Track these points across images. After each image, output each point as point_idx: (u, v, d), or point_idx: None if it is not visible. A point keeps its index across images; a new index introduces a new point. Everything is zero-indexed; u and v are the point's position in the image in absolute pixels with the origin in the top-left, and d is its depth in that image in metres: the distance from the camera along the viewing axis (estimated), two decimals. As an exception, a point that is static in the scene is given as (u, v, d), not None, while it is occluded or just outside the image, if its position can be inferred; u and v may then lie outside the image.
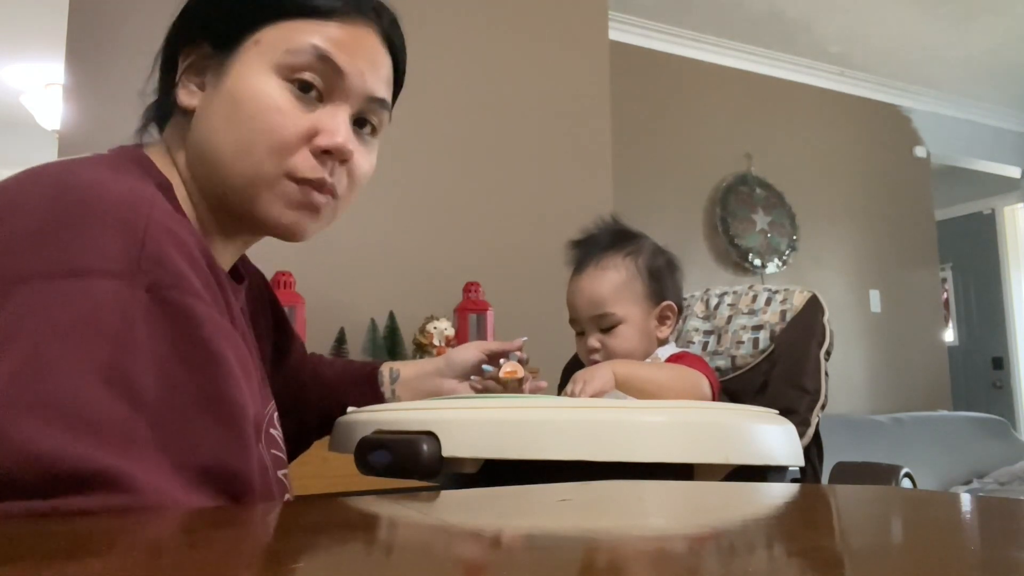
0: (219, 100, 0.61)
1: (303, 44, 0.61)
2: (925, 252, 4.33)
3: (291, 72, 0.61)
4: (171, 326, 0.49)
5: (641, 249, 1.10)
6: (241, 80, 0.61)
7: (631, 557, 0.35)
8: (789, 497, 0.58)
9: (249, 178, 0.62)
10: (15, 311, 0.46)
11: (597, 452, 0.69)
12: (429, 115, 2.41)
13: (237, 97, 0.61)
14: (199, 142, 0.63)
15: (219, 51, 0.63)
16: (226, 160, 0.62)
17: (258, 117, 0.60)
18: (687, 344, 1.21)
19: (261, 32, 0.62)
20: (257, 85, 0.61)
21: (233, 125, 0.61)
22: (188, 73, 0.64)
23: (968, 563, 0.31)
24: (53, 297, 0.47)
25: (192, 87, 0.64)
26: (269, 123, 0.61)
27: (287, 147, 0.61)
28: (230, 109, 0.61)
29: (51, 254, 0.48)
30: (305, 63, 0.62)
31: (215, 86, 0.62)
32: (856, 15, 3.57)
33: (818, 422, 1.02)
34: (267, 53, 0.61)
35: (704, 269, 3.57)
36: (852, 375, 3.91)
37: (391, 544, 0.40)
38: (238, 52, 0.62)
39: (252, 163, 0.61)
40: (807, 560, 0.33)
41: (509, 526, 0.45)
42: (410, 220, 2.35)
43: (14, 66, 3.68)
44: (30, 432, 0.44)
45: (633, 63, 3.47)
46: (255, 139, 0.60)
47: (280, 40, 0.62)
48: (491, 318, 2.18)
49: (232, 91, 0.61)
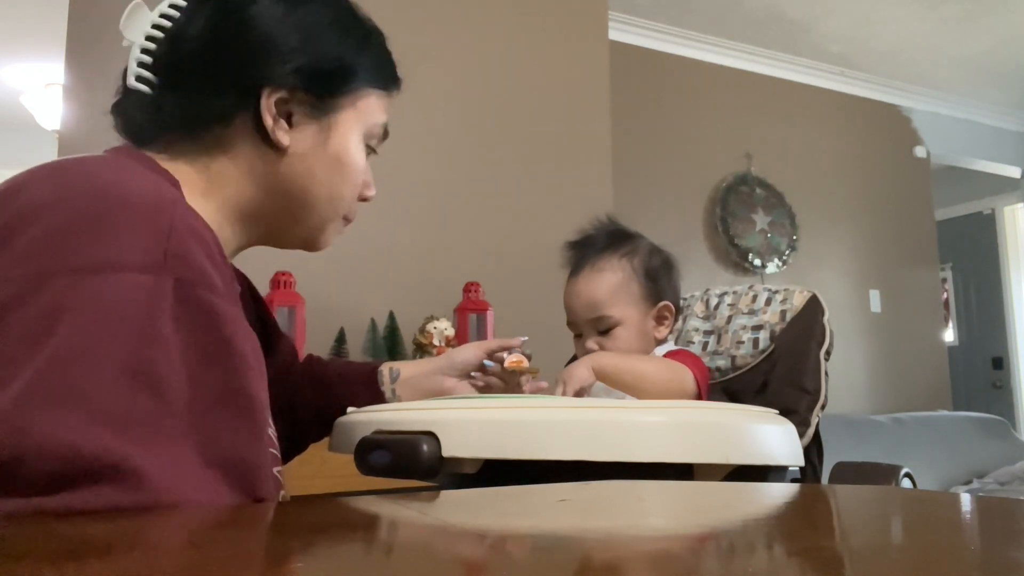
0: (327, 154, 0.71)
1: (380, 121, 0.76)
2: (925, 252, 4.33)
3: (368, 139, 0.75)
4: (195, 322, 0.51)
5: (637, 250, 1.09)
6: (345, 141, 0.72)
7: (631, 557, 0.35)
8: (789, 497, 0.58)
9: (328, 218, 0.74)
10: (46, 305, 0.48)
11: (597, 452, 0.69)
12: (429, 115, 2.41)
13: (343, 157, 0.72)
14: (296, 179, 0.70)
15: (317, 100, 0.69)
16: (321, 202, 0.72)
17: (354, 175, 0.74)
18: (687, 344, 1.21)
19: (358, 97, 0.72)
20: (355, 149, 0.73)
21: (336, 179, 0.72)
22: (276, 108, 0.67)
23: (968, 563, 0.31)
24: (82, 291, 0.48)
25: (283, 123, 0.68)
26: (356, 181, 0.75)
27: (355, 198, 0.76)
28: (336, 165, 0.72)
29: (80, 249, 0.50)
30: (378, 136, 0.76)
31: (319, 136, 0.70)
32: (856, 15, 3.57)
33: (818, 422, 1.02)
34: (361, 119, 0.73)
35: (704, 269, 3.57)
36: (852, 375, 3.91)
37: (391, 544, 0.40)
38: (339, 110, 0.71)
39: (337, 208, 0.74)
40: (807, 560, 0.33)
41: (509, 526, 0.45)
42: (410, 220, 2.35)
43: (14, 66, 3.68)
44: (52, 423, 0.45)
45: (633, 63, 3.47)
46: (346, 193, 0.74)
47: (370, 110, 0.74)
48: (491, 318, 2.18)
49: (339, 150, 0.71)
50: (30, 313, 0.48)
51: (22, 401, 0.45)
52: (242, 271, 0.87)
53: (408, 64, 0.83)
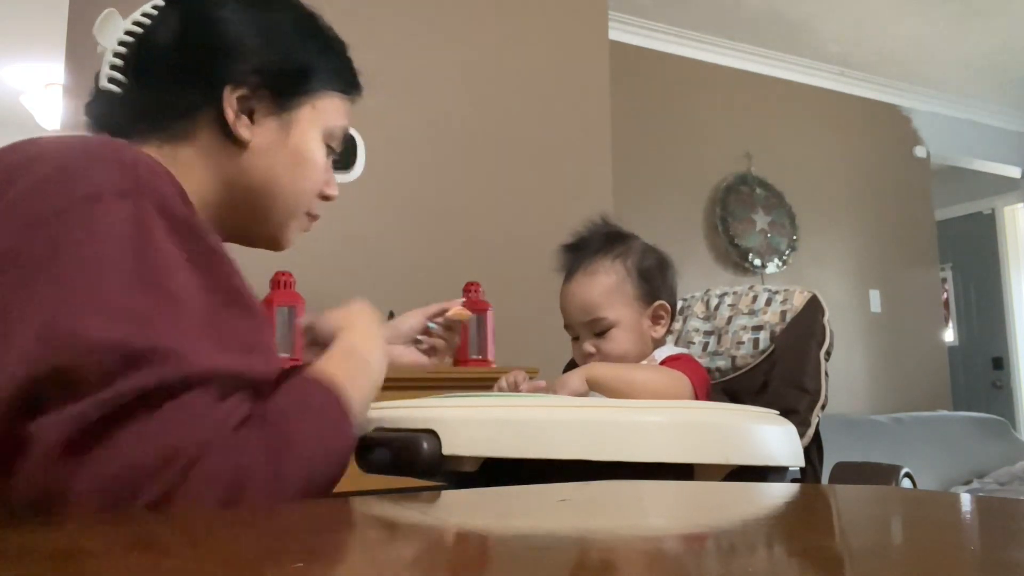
0: (287, 150, 0.75)
1: (341, 124, 0.79)
2: (925, 252, 4.33)
3: (328, 140, 0.79)
4: (180, 234, 0.57)
5: (630, 250, 1.09)
6: (305, 140, 0.76)
7: (631, 557, 0.35)
8: (789, 497, 0.58)
9: (291, 213, 0.78)
10: (48, 240, 0.53)
11: (597, 452, 0.69)
12: (429, 115, 2.41)
13: (303, 154, 0.76)
14: (257, 174, 0.74)
15: (278, 99, 0.74)
16: (281, 195, 0.76)
17: (314, 173, 0.78)
18: (687, 344, 1.21)
19: (317, 98, 0.76)
20: (315, 148, 0.77)
21: (295, 174, 0.76)
22: (239, 104, 0.72)
23: (968, 563, 0.31)
24: (73, 225, 0.54)
25: (245, 119, 0.73)
26: (317, 179, 0.78)
27: (315, 195, 0.80)
28: (297, 161, 0.76)
29: (67, 189, 0.56)
30: (338, 139, 0.80)
31: (278, 133, 0.74)
32: (856, 15, 3.56)
33: (818, 422, 1.02)
34: (319, 119, 0.77)
35: (704, 269, 3.57)
36: (852, 375, 3.91)
37: (391, 544, 0.40)
38: (298, 110, 0.75)
39: (298, 203, 0.77)
40: (807, 560, 0.33)
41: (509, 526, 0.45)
42: (410, 220, 2.35)
43: (14, 66, 3.68)
44: (82, 328, 0.51)
45: (633, 63, 3.47)
46: (308, 188, 0.78)
47: (329, 111, 0.78)
48: (491, 318, 2.18)
49: (299, 147, 0.76)
50: (35, 253, 0.53)
51: (61, 315, 0.51)
52: None
53: (408, 63, 0.83)
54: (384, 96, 2.36)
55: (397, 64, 2.36)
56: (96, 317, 0.51)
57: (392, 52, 2.35)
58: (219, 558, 0.34)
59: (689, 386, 0.99)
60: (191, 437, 0.52)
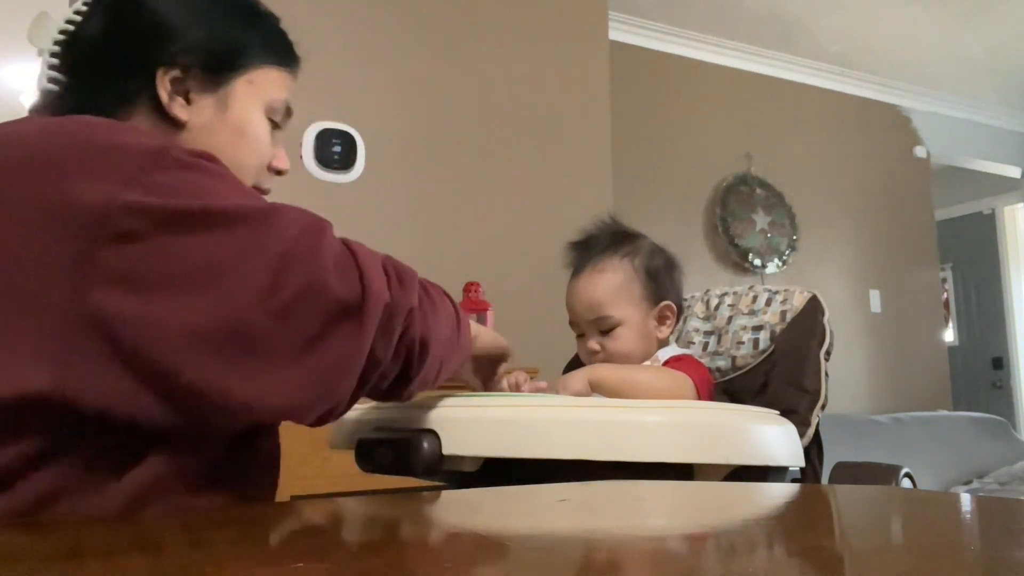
0: (226, 126, 0.75)
1: (281, 98, 0.79)
2: (925, 252, 4.33)
3: (270, 114, 0.79)
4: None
5: (638, 250, 1.09)
6: (244, 114, 0.76)
7: (631, 557, 0.35)
8: (789, 497, 0.58)
9: None
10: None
11: (597, 451, 0.69)
12: (429, 115, 2.41)
13: (242, 128, 0.76)
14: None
15: (211, 77, 0.74)
16: None
17: (255, 147, 0.77)
18: (687, 344, 1.21)
19: (252, 73, 0.77)
20: (255, 121, 0.77)
21: (236, 149, 0.76)
22: (174, 86, 0.73)
23: (968, 563, 0.31)
24: None
25: (180, 100, 0.73)
26: (260, 152, 0.78)
27: (262, 169, 0.79)
28: (237, 136, 0.76)
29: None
30: (280, 112, 0.80)
31: (216, 110, 0.75)
32: (856, 15, 3.56)
33: (818, 422, 1.02)
34: (258, 93, 0.77)
35: (704, 269, 3.57)
36: (852, 375, 3.91)
37: (391, 544, 0.40)
38: (233, 85, 0.75)
39: (242, 178, 0.73)
40: (807, 560, 0.33)
41: (509, 526, 0.45)
42: (410, 220, 2.35)
43: (14, 66, 3.68)
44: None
45: (633, 63, 3.47)
46: (251, 162, 0.77)
47: (267, 85, 0.78)
48: (491, 318, 2.18)
49: (238, 122, 0.76)
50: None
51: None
52: None
53: (408, 63, 0.83)
54: (384, 96, 2.37)
55: (397, 64, 2.36)
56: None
57: (392, 52, 2.35)
58: (219, 558, 0.34)
59: (692, 387, 0.99)
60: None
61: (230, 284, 0.55)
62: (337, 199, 2.30)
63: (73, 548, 0.37)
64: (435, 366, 0.69)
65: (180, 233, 0.55)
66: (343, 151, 2.26)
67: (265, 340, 0.55)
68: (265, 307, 0.55)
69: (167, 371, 0.54)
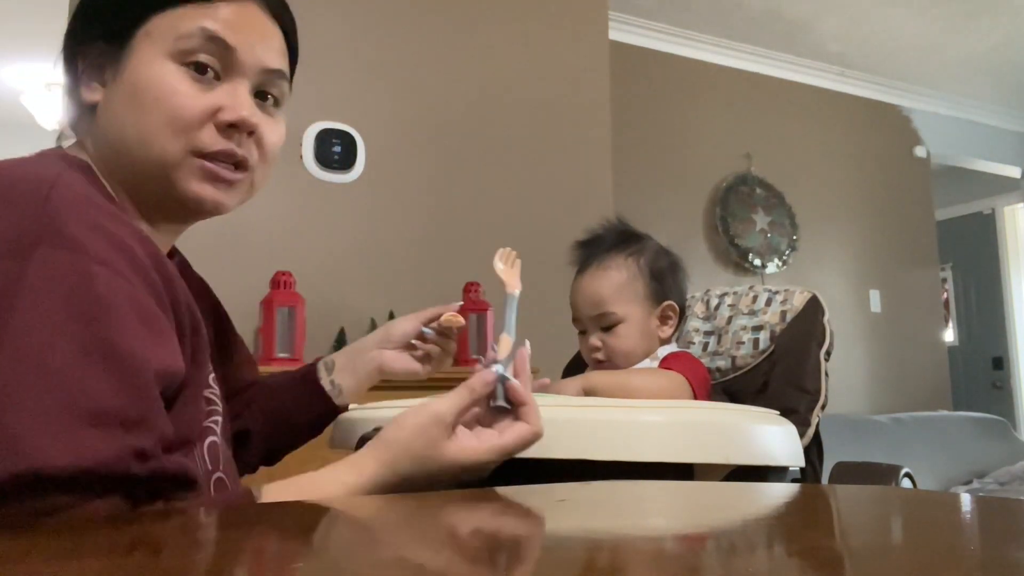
0: (120, 92, 0.65)
1: (192, 28, 0.65)
2: (925, 252, 4.33)
3: (185, 56, 0.65)
4: (62, 285, 0.51)
5: (644, 250, 1.10)
6: (138, 70, 0.64)
7: (631, 557, 0.35)
8: (789, 497, 0.58)
9: (158, 160, 0.65)
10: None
11: (598, 451, 0.69)
12: (429, 115, 2.41)
13: (137, 87, 0.64)
14: (105, 134, 0.66)
15: (113, 47, 0.65)
16: (133, 146, 0.65)
17: (159, 102, 0.64)
18: (687, 345, 1.21)
19: (150, 23, 0.65)
20: (154, 72, 0.64)
21: (136, 113, 0.64)
22: (88, 72, 0.67)
23: (968, 563, 0.31)
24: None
25: (94, 84, 0.66)
26: (171, 106, 0.64)
27: (191, 126, 0.64)
28: (131, 99, 0.64)
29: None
30: (197, 46, 0.65)
31: (115, 80, 0.65)
32: (856, 15, 3.56)
33: (818, 422, 1.02)
34: (159, 42, 0.65)
35: (704, 269, 3.57)
36: (852, 375, 3.91)
37: (391, 544, 0.40)
38: (132, 46, 0.65)
39: (159, 146, 0.64)
40: (807, 560, 0.33)
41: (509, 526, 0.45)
42: (410, 220, 2.35)
43: (14, 66, 3.68)
44: None
45: (633, 63, 3.47)
46: (159, 123, 0.64)
47: (169, 28, 0.65)
48: (491, 318, 2.18)
49: (131, 82, 0.64)
50: None
51: None
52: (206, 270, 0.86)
53: (408, 63, 0.82)
54: (384, 96, 2.37)
55: (397, 64, 2.36)
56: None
57: (392, 52, 2.35)
58: (219, 558, 0.34)
59: (687, 387, 0.99)
60: None
61: None
62: (337, 199, 2.30)
63: (73, 548, 0.37)
64: None
65: None
66: (343, 151, 2.27)
67: None
68: None
69: None
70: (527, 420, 0.63)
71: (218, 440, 0.70)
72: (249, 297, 2.01)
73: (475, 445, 0.62)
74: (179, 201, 0.67)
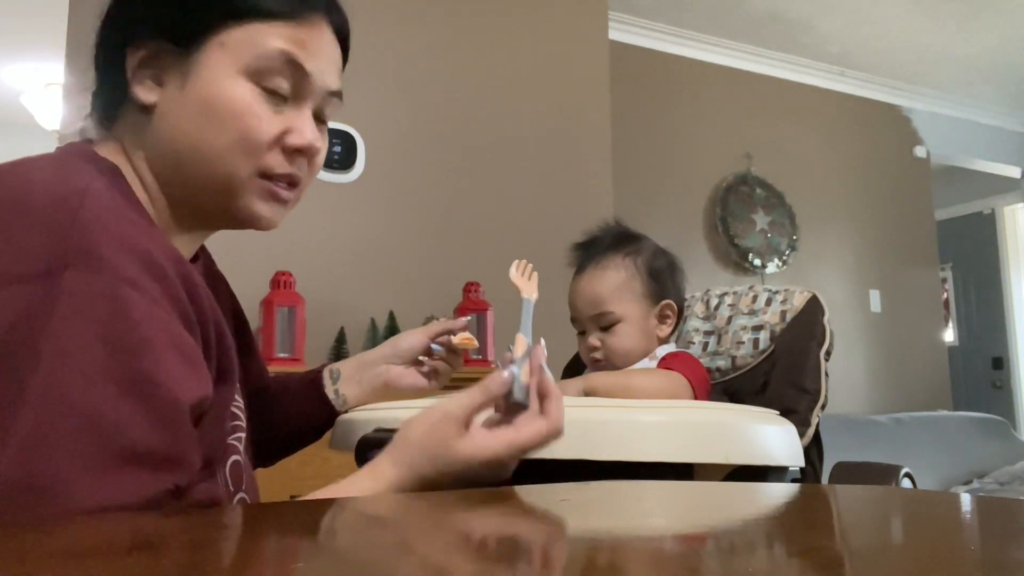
0: (189, 102, 0.62)
1: (271, 49, 0.63)
2: (925, 252, 4.33)
3: (261, 77, 0.63)
4: (95, 312, 0.49)
5: (642, 250, 1.11)
6: (212, 84, 0.62)
7: (631, 557, 0.35)
8: (789, 497, 0.58)
9: (224, 178, 0.63)
10: None
11: (598, 452, 0.69)
12: (429, 115, 2.41)
13: (210, 102, 0.62)
14: (165, 141, 0.64)
15: (178, 48, 0.63)
16: (199, 161, 0.63)
17: (233, 121, 0.62)
18: (687, 345, 1.21)
19: (225, 34, 0.63)
20: (229, 90, 0.62)
21: (207, 129, 0.62)
22: (143, 68, 0.64)
23: (968, 563, 0.31)
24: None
25: (149, 83, 0.64)
26: (246, 128, 0.62)
27: (261, 149, 0.63)
28: (203, 113, 0.62)
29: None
30: (276, 68, 0.63)
31: (181, 86, 0.63)
32: (856, 15, 3.56)
33: (818, 422, 1.02)
34: (235, 55, 0.62)
35: (704, 269, 3.57)
36: (852, 375, 3.91)
37: (391, 544, 0.40)
38: (202, 52, 0.62)
39: (228, 165, 0.63)
40: (807, 560, 0.33)
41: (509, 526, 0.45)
42: (410, 220, 2.35)
43: (14, 66, 3.68)
44: None
45: (633, 63, 3.47)
46: (231, 143, 0.62)
47: (248, 43, 0.63)
48: (491, 318, 2.18)
49: (204, 95, 0.62)
50: None
51: None
52: (226, 272, 0.86)
53: (408, 63, 0.82)
54: (384, 96, 2.37)
55: (397, 64, 2.36)
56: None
57: (392, 52, 2.35)
58: (219, 558, 0.34)
59: (687, 386, 0.99)
60: None
61: None
62: (337, 199, 2.30)
63: (73, 548, 0.37)
64: None
65: None
66: (343, 151, 2.27)
67: None
68: None
69: None
70: (549, 414, 0.63)
71: (241, 459, 0.69)
72: (249, 297, 2.00)
73: (489, 441, 0.61)
74: (233, 216, 0.66)
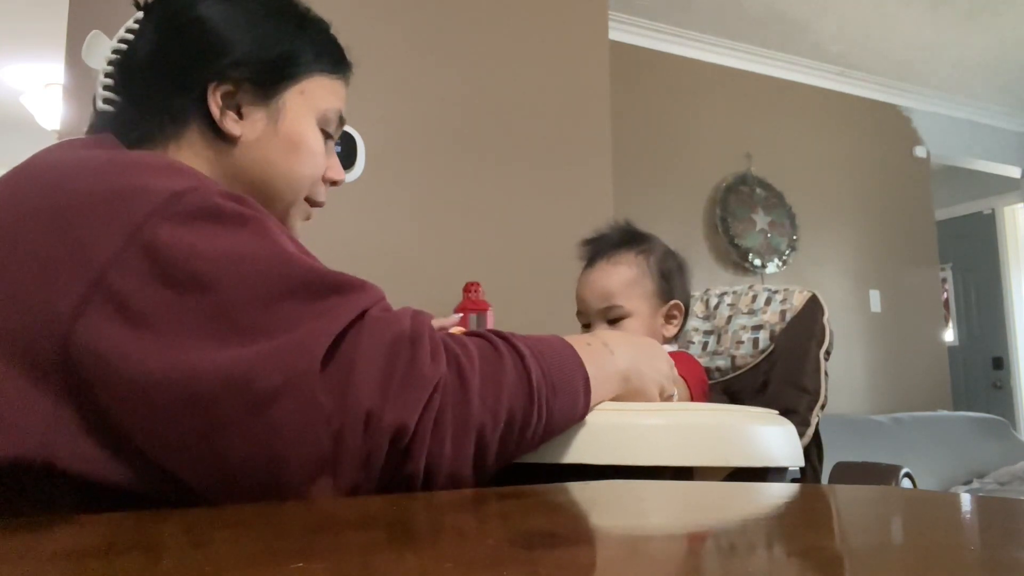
0: (280, 139, 0.75)
1: (334, 107, 0.79)
2: (925, 252, 4.33)
3: (324, 124, 0.78)
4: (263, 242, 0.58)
5: (653, 249, 1.13)
6: (296, 125, 0.76)
7: (631, 557, 0.35)
8: (789, 497, 0.58)
9: (291, 201, 0.78)
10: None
11: (597, 455, 0.69)
12: (429, 115, 2.41)
13: (294, 139, 0.76)
14: (254, 167, 0.75)
15: (262, 88, 0.74)
16: (281, 186, 0.76)
17: (310, 159, 0.77)
18: (687, 344, 1.21)
19: (304, 83, 0.76)
20: (309, 133, 0.77)
21: (291, 162, 0.76)
22: (225, 103, 0.73)
23: (968, 563, 0.31)
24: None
25: (232, 114, 0.73)
26: (316, 163, 0.78)
27: (318, 180, 0.80)
28: (291, 148, 0.76)
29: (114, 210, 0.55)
30: (333, 119, 0.79)
31: (268, 121, 0.74)
32: (856, 15, 3.56)
33: (818, 422, 1.02)
34: (310, 103, 0.76)
35: (704, 269, 3.57)
36: (852, 375, 3.91)
37: (391, 544, 0.40)
38: (285, 97, 0.75)
39: (297, 191, 0.77)
40: (807, 560, 0.33)
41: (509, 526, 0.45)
42: (410, 220, 2.35)
43: (14, 66, 3.68)
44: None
45: (633, 63, 3.47)
46: (306, 174, 0.77)
47: (319, 94, 0.77)
48: (491, 318, 2.18)
49: (289, 133, 0.75)
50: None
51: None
52: None
53: (408, 63, 0.84)
54: (384, 96, 2.37)
55: (397, 64, 2.36)
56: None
57: (392, 52, 2.35)
58: (219, 558, 0.34)
59: (685, 387, 0.99)
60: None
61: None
62: (337, 199, 2.30)
63: (73, 548, 0.37)
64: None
65: (175, 288, 0.52)
66: (343, 151, 2.26)
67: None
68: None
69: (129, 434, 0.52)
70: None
71: None
72: (249, 297, 2.01)
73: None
74: None
